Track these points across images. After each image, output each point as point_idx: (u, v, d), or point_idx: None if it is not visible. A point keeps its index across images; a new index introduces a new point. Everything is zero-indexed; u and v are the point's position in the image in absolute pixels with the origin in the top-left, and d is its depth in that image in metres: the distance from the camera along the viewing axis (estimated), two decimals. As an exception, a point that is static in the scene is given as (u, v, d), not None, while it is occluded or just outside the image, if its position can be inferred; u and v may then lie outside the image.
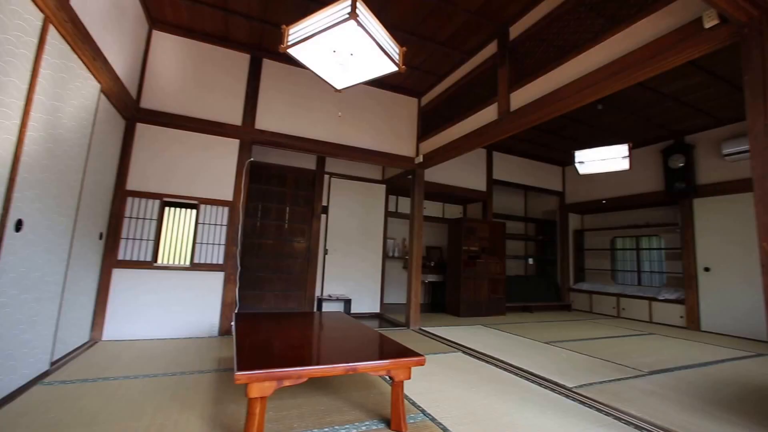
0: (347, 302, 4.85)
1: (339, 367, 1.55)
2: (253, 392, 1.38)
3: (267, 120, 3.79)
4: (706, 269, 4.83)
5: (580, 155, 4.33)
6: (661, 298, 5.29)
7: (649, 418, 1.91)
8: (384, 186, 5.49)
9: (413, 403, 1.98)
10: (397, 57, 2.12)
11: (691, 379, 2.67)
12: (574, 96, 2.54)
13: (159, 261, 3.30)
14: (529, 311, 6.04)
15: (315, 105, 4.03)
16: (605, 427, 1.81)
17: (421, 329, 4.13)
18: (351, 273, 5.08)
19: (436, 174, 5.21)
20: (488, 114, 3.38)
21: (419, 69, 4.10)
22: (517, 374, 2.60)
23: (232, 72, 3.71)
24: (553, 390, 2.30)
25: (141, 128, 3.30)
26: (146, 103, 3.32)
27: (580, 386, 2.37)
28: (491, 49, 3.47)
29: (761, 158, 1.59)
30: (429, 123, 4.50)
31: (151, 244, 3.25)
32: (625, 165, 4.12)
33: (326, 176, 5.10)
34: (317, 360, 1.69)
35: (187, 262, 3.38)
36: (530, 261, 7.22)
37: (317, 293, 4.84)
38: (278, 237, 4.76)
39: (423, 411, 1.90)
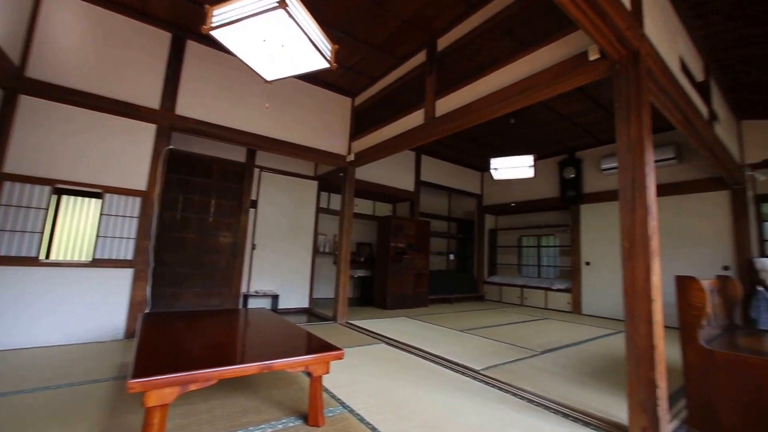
0: (275, 298, 4.73)
1: (253, 366, 1.49)
2: (151, 400, 1.25)
3: (190, 106, 3.49)
4: (587, 263, 5.80)
5: (495, 162, 4.83)
6: (554, 288, 6.20)
7: (539, 392, 2.23)
8: (316, 182, 5.45)
9: (333, 396, 2.02)
10: (329, 54, 2.11)
11: (572, 355, 3.20)
12: (489, 108, 2.81)
13: (51, 257, 2.85)
14: (449, 302, 6.55)
15: (245, 95, 3.83)
16: (504, 402, 2.08)
17: (348, 323, 4.23)
18: (280, 269, 4.96)
19: (367, 172, 5.34)
20: (416, 118, 3.59)
21: (353, 69, 4.16)
22: (434, 361, 2.83)
23: (149, 50, 3.33)
24: (464, 374, 2.55)
25: (27, 101, 2.81)
26: (35, 72, 2.83)
27: (486, 368, 2.66)
28: (421, 57, 3.67)
29: (624, 173, 1.97)
30: (362, 123, 4.59)
31: (37, 237, 2.78)
32: (530, 173, 4.73)
33: (256, 170, 4.88)
34: (230, 360, 1.56)
35: (88, 258, 2.98)
36: (451, 257, 7.82)
37: (243, 289, 4.63)
38: (202, 231, 4.42)
39: (342, 403, 1.94)
